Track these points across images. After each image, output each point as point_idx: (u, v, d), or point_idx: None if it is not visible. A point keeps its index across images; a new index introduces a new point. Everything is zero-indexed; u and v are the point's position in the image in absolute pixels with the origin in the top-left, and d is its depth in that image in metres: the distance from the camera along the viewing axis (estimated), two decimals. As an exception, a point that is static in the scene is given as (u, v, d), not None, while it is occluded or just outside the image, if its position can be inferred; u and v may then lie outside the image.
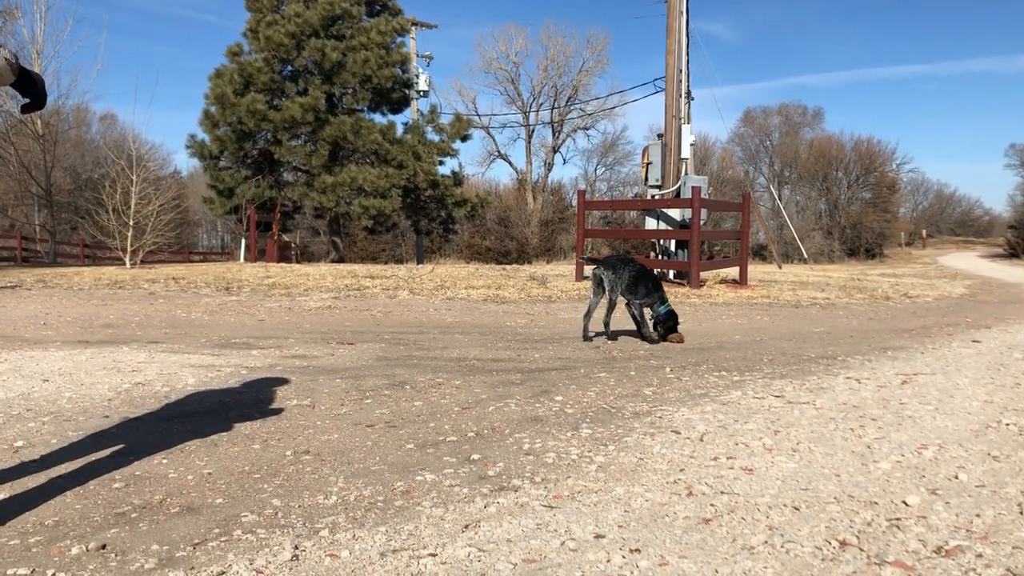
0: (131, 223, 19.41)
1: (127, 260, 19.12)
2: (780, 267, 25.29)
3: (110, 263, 22.63)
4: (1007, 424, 3.65)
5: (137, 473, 2.93)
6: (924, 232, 66.08)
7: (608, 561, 2.10)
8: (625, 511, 2.48)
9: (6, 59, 2.21)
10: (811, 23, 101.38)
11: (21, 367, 5.08)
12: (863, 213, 54.49)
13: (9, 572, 2.06)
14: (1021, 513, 2.48)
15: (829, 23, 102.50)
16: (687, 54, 13.89)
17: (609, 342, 6.56)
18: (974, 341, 6.65)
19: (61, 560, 2.15)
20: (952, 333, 7.26)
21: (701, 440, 3.34)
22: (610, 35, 76.95)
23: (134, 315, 8.12)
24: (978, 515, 2.46)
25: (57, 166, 32.94)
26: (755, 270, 18.82)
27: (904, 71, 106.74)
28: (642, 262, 7.15)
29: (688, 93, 14.15)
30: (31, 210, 35.30)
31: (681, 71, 13.64)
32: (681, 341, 6.59)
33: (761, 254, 38.12)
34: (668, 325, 6.62)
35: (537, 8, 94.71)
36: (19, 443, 3.34)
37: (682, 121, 13.44)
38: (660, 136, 13.72)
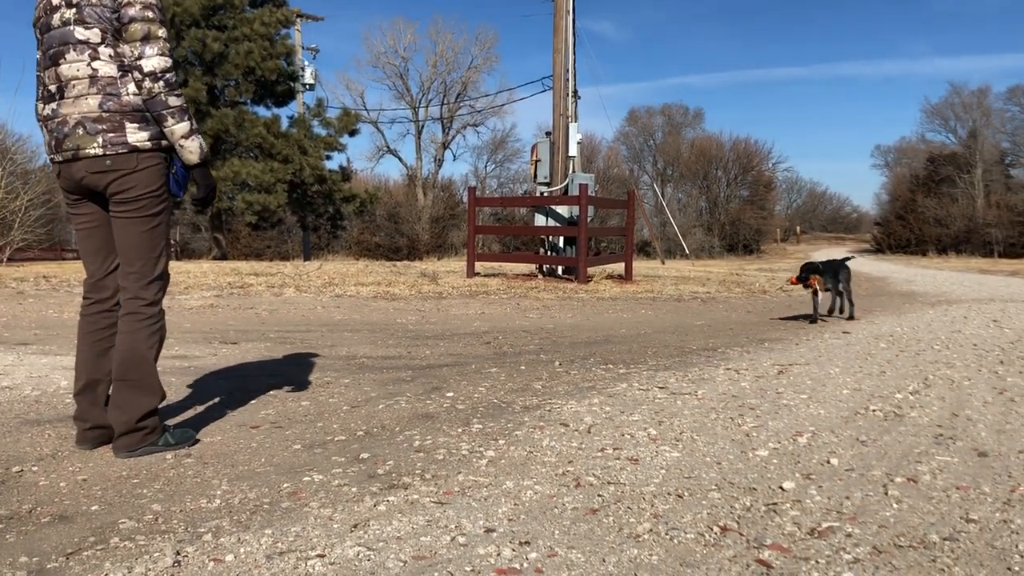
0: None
1: (-7, 257, 18.04)
2: (663, 263, 25.99)
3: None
4: (873, 410, 3.87)
5: (4, 482, 2.77)
6: (798, 228, 69.16)
7: (498, 555, 2.11)
8: (515, 504, 2.50)
9: (200, 145, 3.07)
10: (692, 24, 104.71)
11: None
12: (741, 210, 56.66)
13: None
14: (886, 494, 2.63)
15: (709, 25, 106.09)
16: (574, 53, 14.10)
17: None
18: (844, 332, 7.01)
19: (-83, 578, 2.01)
20: (824, 326, 7.63)
21: (589, 432, 3.40)
22: (498, 32, 77.23)
23: (0, 315, 7.68)
24: (847, 497, 2.60)
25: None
26: (640, 266, 19.29)
27: (779, 73, 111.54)
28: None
29: (575, 92, 14.34)
30: None
31: (568, 70, 13.82)
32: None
33: (645, 250, 39.10)
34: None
35: (426, 3, 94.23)
36: None
37: (569, 119, 13.63)
38: (548, 134, 13.87)
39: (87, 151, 2.95)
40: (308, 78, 29.71)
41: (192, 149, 3.04)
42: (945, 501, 2.58)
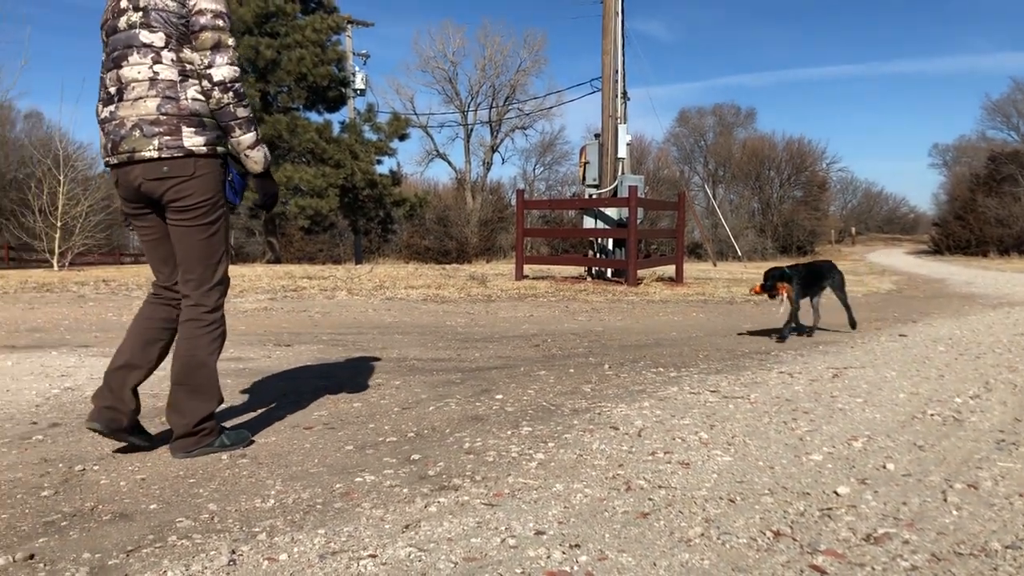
0: (59, 224, 18.87)
1: (55, 262, 18.57)
2: (715, 265, 25.73)
3: (36, 266, 21.90)
4: (931, 415, 3.78)
5: (67, 480, 2.86)
6: (853, 229, 67.87)
7: (548, 557, 2.11)
8: (565, 507, 2.50)
9: (265, 155, 3.15)
10: (743, 23, 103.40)
11: (-59, 374, 4.90)
12: (794, 211, 55.82)
13: (-69, 586, 1.99)
14: (945, 500, 2.57)
15: (761, 24, 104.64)
16: (623, 54, 14.04)
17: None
18: (901, 335, 6.86)
19: (-14, 572, 2.08)
20: (880, 328, 7.48)
21: (639, 436, 3.38)
22: (546, 34, 77.39)
23: (63, 318, 7.89)
24: (904, 503, 2.54)
25: (-22, 166, 31.73)
26: (691, 268, 19.13)
27: (833, 72, 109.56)
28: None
29: (624, 93, 14.28)
30: (-49, 211, 33.93)
31: (617, 71, 13.78)
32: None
33: (697, 252, 38.74)
34: None
35: (474, 6, 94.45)
36: (-60, 452, 3.22)
37: (618, 121, 13.57)
38: (597, 136, 13.84)
39: (143, 153, 2.96)
40: (359, 83, 30.03)
41: (257, 159, 3.10)
42: (1007, 508, 2.51)
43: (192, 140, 2.98)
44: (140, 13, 3.00)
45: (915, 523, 2.37)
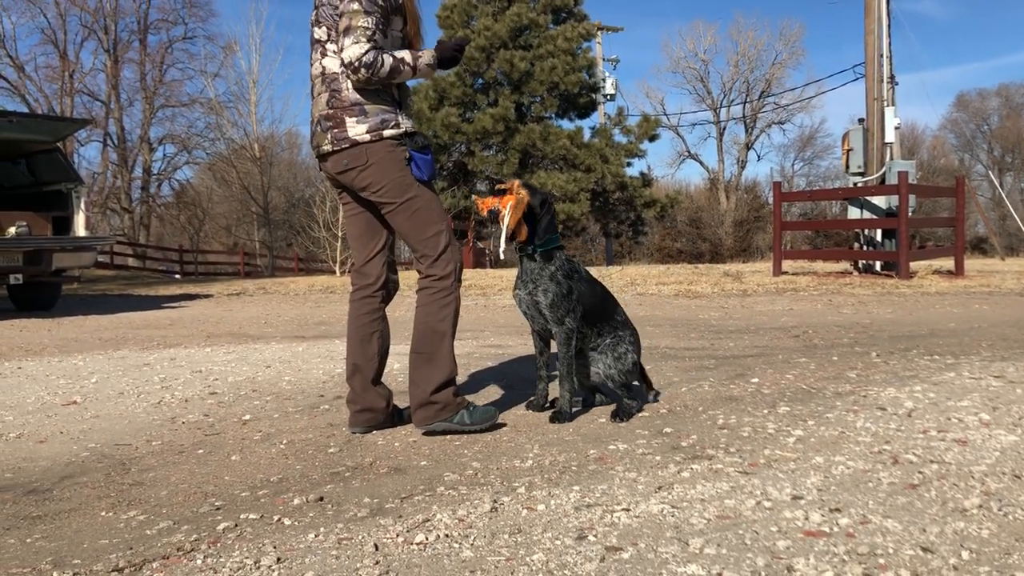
0: (340, 234, 20.73)
1: (337, 269, 20.43)
2: (1003, 259, 23.22)
3: (321, 273, 24.23)
4: None
5: (350, 441, 3.16)
6: None
7: (806, 519, 2.04)
8: (824, 477, 2.40)
9: (427, 63, 3.07)
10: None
11: (247, 357, 5.58)
12: (1103, 198, 49.07)
13: (242, 516, 2.29)
14: None
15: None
16: (889, 35, 13.09)
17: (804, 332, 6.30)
18: None
19: (285, 508, 2.36)
20: None
21: (909, 416, 3.17)
22: (804, 25, 73.84)
23: (344, 315, 8.65)
24: None
25: (273, 187, 35.64)
26: (973, 263, 17.41)
27: None
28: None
29: (892, 77, 13.30)
30: (251, 228, 38.48)
31: (882, 54, 12.88)
32: None
33: (981, 247, 35.13)
34: None
35: (725, 3, 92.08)
36: (246, 416, 3.68)
37: (885, 103, 12.68)
38: (861, 121, 13.01)
39: (324, 148, 3.10)
40: (608, 88, 30.37)
41: (422, 71, 3.07)
42: None
43: (355, 130, 3.02)
44: (315, 12, 3.13)
45: None
